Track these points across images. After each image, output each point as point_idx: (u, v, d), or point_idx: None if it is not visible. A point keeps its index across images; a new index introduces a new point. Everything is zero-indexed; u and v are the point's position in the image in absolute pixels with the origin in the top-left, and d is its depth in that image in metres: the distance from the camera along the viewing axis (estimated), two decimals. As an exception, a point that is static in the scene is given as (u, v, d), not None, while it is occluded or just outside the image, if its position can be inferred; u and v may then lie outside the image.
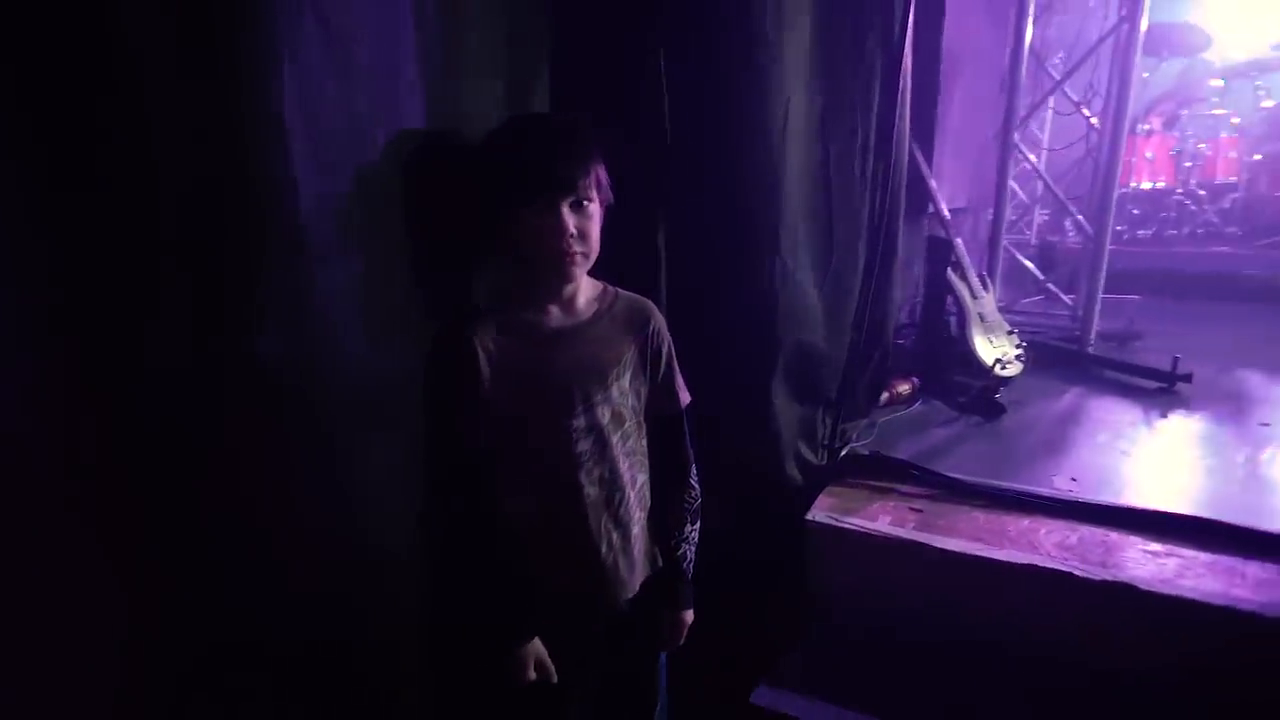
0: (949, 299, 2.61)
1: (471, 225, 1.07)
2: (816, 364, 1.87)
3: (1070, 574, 1.44)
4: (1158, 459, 2.03)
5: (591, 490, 1.05)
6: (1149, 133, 4.97)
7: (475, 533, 1.06)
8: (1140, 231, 4.90)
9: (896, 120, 1.86)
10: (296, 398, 0.90)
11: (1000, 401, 2.38)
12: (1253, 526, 1.56)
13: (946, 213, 2.69)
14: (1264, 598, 1.37)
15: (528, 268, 1.03)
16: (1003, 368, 2.50)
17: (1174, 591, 1.38)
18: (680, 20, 1.40)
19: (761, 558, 1.70)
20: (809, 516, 1.73)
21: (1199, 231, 4.82)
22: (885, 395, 2.36)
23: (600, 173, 1.00)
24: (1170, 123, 5.17)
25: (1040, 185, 4.41)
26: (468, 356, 1.00)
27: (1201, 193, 4.89)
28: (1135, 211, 5.02)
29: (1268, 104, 4.96)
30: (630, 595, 1.12)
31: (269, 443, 0.88)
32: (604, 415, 1.05)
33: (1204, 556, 1.49)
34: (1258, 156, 4.81)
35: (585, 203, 0.98)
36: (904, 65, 1.83)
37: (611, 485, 1.07)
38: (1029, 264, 3.35)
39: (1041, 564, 1.48)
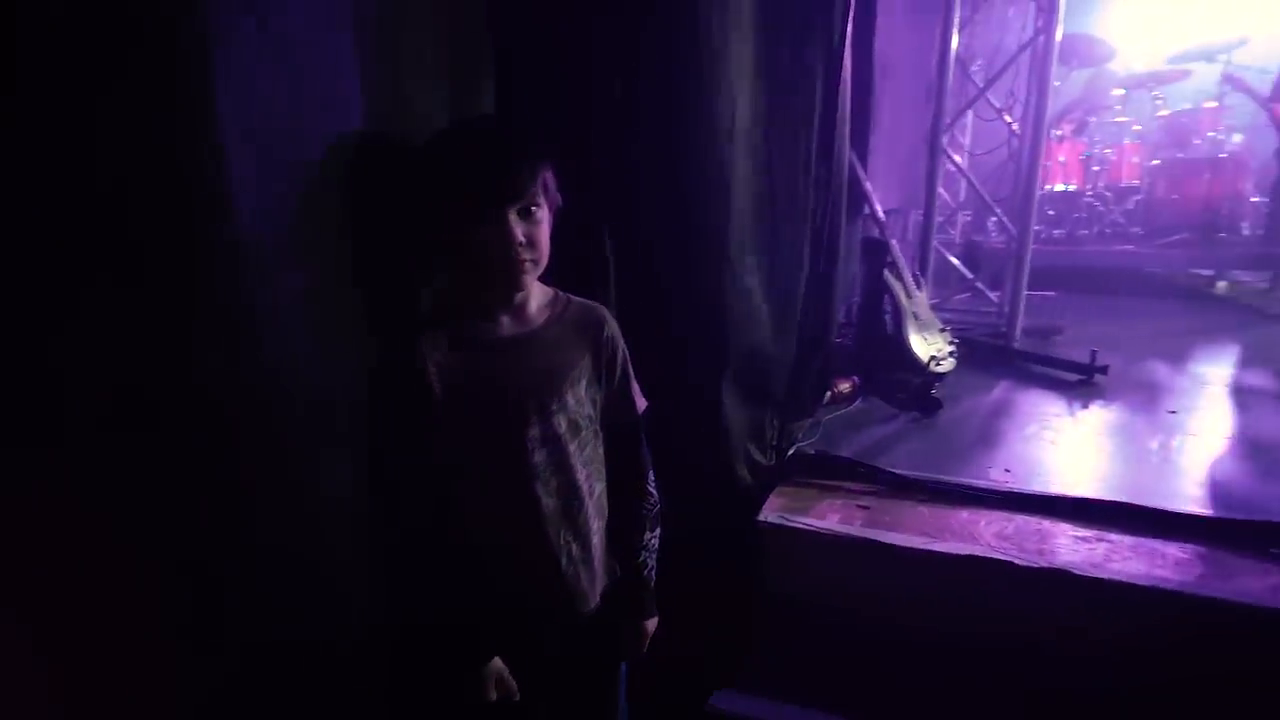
0: (885, 298, 2.69)
1: (418, 234, 1.04)
2: (764, 366, 1.89)
3: (1010, 563, 1.50)
4: (1082, 448, 2.14)
5: (549, 501, 1.03)
6: (1061, 138, 5.26)
7: (425, 548, 1.02)
8: (1055, 231, 5.19)
9: (837, 126, 1.90)
10: (242, 414, 0.85)
11: (937, 397, 2.46)
12: (1169, 509, 1.66)
13: (882, 214, 2.78)
14: (1182, 576, 1.46)
15: (476, 277, 1.00)
16: (937, 364, 2.60)
17: (1104, 575, 1.45)
18: (629, 24, 1.39)
19: (716, 561, 1.71)
20: (760, 518, 1.75)
21: (1107, 231, 5.14)
22: (828, 394, 2.42)
23: (547, 177, 0.98)
24: (1080, 129, 5.50)
25: (964, 187, 4.62)
26: (415, 369, 0.97)
27: (1108, 195, 5.21)
28: (1050, 212, 5.30)
29: (1164, 113, 5.33)
30: (591, 606, 1.10)
31: (214, 461, 0.83)
32: (560, 424, 1.03)
33: (1128, 540, 1.58)
34: (1156, 161, 5.16)
35: (533, 209, 0.95)
36: (843, 73, 1.87)
37: (570, 495, 1.05)
38: (957, 263, 3.49)
39: (983, 554, 1.53)
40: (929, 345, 2.64)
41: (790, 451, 2.02)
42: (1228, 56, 4.77)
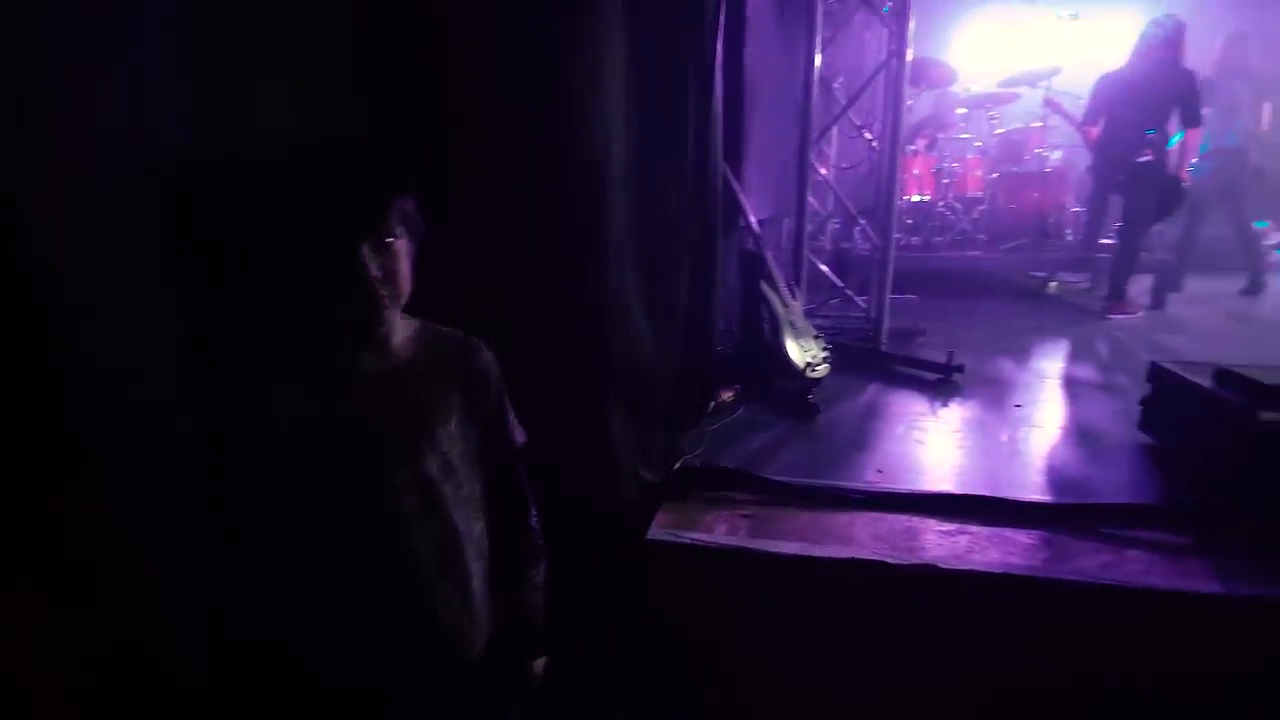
0: (763, 308, 2.78)
1: (267, 263, 0.95)
2: (649, 381, 1.90)
3: (884, 562, 1.57)
4: (944, 444, 2.30)
5: (423, 549, 0.97)
6: (915, 153, 5.69)
7: (276, 606, 0.94)
8: (913, 238, 5.59)
9: (712, 143, 1.95)
10: (73, 458, 0.73)
11: (813, 402, 2.57)
12: (1018, 499, 1.81)
13: (757, 226, 2.87)
14: (1030, 561, 1.59)
15: (330, 312, 0.93)
16: (813, 370, 2.71)
17: (966, 567, 1.56)
18: (509, 47, 1.34)
19: (608, 586, 1.68)
20: (649, 535, 1.75)
21: (958, 238, 5.61)
22: (711, 404, 2.47)
23: (406, 205, 0.92)
24: (931, 145, 5.98)
25: (833, 197, 4.89)
26: (264, 413, 0.89)
27: (957, 205, 5.69)
28: (909, 221, 5.72)
29: (1000, 131, 5.89)
30: (475, 652, 1.04)
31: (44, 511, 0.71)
32: (432, 466, 0.97)
33: (986, 530, 1.71)
34: (995, 175, 5.69)
35: (389, 240, 0.89)
36: (715, 92, 1.92)
37: (445, 540, 0.99)
38: (827, 271, 3.68)
39: (860, 556, 1.60)
40: (805, 352, 2.76)
41: (677, 465, 2.03)
42: (1047, 83, 5.35)
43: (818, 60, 3.12)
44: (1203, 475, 1.87)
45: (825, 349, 2.86)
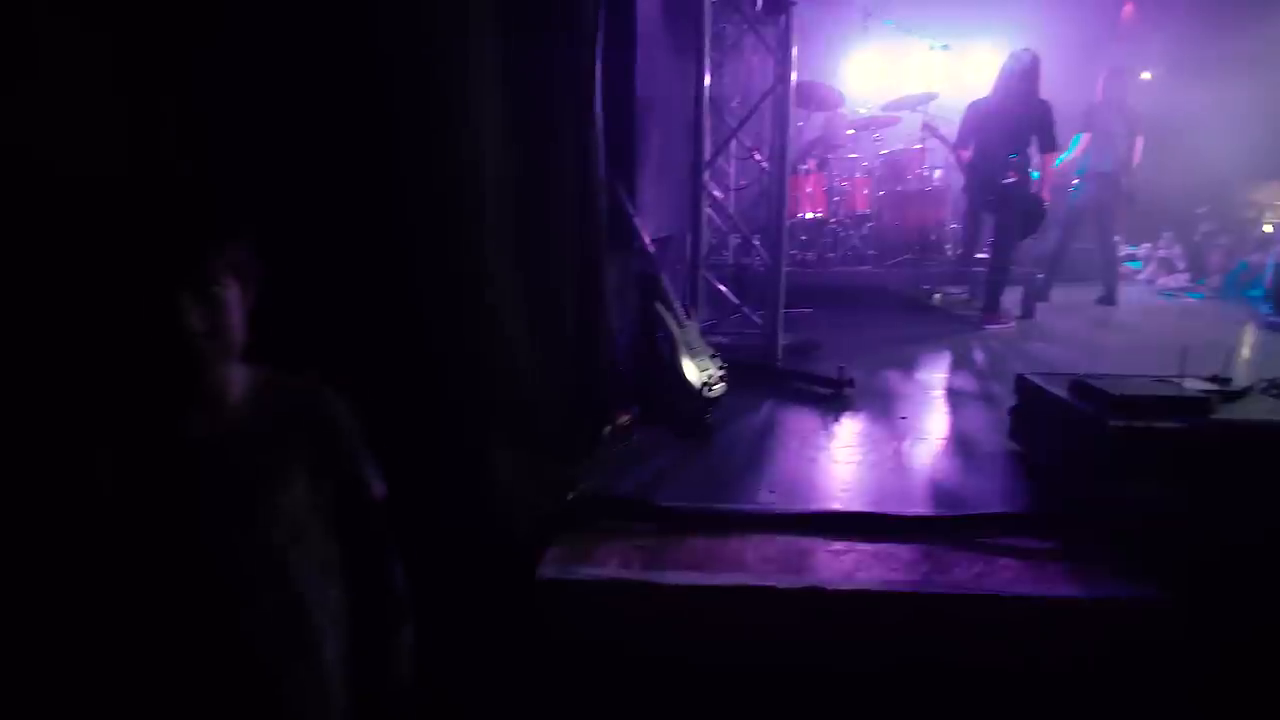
0: (658, 329, 2.78)
1: (80, 310, 0.84)
2: (536, 411, 1.84)
3: (773, 587, 1.58)
4: (835, 460, 2.35)
5: (263, 624, 0.87)
6: (808, 172, 5.92)
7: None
8: (808, 254, 5.79)
9: (595, 158, 1.92)
10: None
11: (710, 423, 2.59)
12: (901, 513, 1.87)
13: (650, 247, 2.87)
14: (912, 576, 1.64)
15: (148, 368, 0.83)
16: (709, 390, 2.73)
17: (852, 586, 1.58)
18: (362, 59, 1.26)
19: (498, 629, 1.61)
20: (540, 573, 1.68)
21: (849, 254, 5.86)
22: (607, 429, 2.43)
23: (235, 249, 0.83)
24: (822, 164, 6.23)
25: (734, 214, 5.01)
26: (83, 480, 0.78)
27: (848, 222, 5.95)
28: (803, 238, 5.92)
29: (884, 152, 6.22)
30: (330, 731, 0.95)
31: None
32: (275, 532, 0.88)
33: (871, 547, 1.75)
34: (881, 193, 5.99)
35: (213, 288, 0.80)
36: (595, 108, 1.89)
37: (292, 611, 0.90)
38: (724, 290, 3.73)
39: (750, 582, 1.60)
40: (701, 372, 2.77)
41: (571, 496, 1.98)
42: (925, 108, 5.70)
43: (707, 80, 3.18)
44: (1063, 481, 1.99)
45: (721, 368, 2.89)
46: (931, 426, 2.65)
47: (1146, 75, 5.51)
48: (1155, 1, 8.18)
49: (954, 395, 3.09)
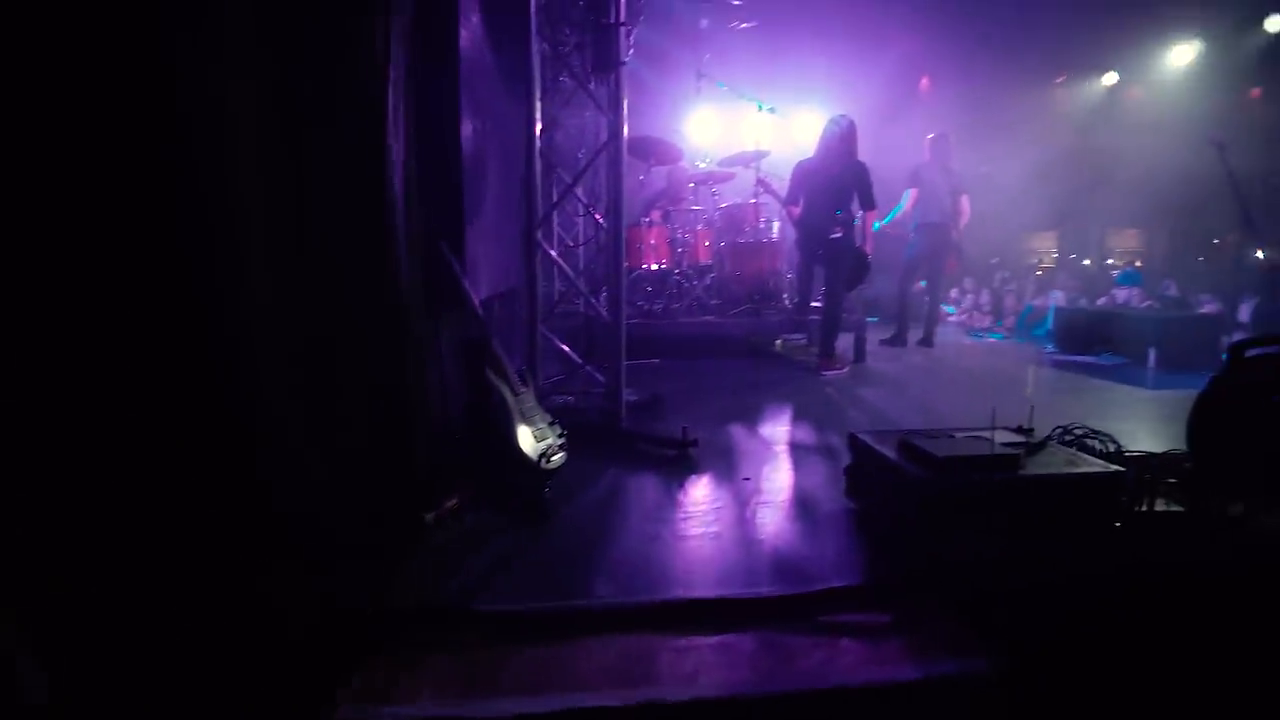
0: (491, 399, 2.57)
1: None
2: (328, 510, 1.56)
3: (608, 707, 1.40)
4: (678, 535, 2.23)
5: None
6: (650, 224, 5.99)
7: None
8: (654, 305, 5.83)
9: (390, 214, 1.71)
10: None
11: (549, 498, 2.40)
12: (742, 595, 1.77)
13: (479, 309, 2.67)
14: (755, 673, 1.52)
15: None
16: (548, 461, 2.54)
17: (694, 695, 1.44)
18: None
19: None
20: (338, 716, 1.39)
21: (693, 304, 5.96)
22: (431, 515, 2.17)
23: None
24: (665, 216, 6.35)
25: (582, 262, 4.92)
26: None
27: (691, 272, 6.08)
28: (649, 289, 5.96)
29: (723, 205, 6.46)
30: None
31: None
32: None
33: (713, 641, 1.62)
34: (722, 244, 6.19)
35: None
36: (389, 158, 1.68)
37: None
38: (566, 349, 3.59)
39: (584, 703, 1.41)
40: (539, 442, 2.58)
41: (382, 607, 1.70)
42: (758, 164, 5.99)
43: (538, 129, 3.07)
44: (897, 541, 2.00)
45: (561, 435, 2.72)
46: (774, 485, 2.62)
47: (932, 135, 6.21)
48: (945, 76, 9.32)
49: (795, 450, 3.12)
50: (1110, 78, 9.69)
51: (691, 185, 6.68)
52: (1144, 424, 3.54)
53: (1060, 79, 9.91)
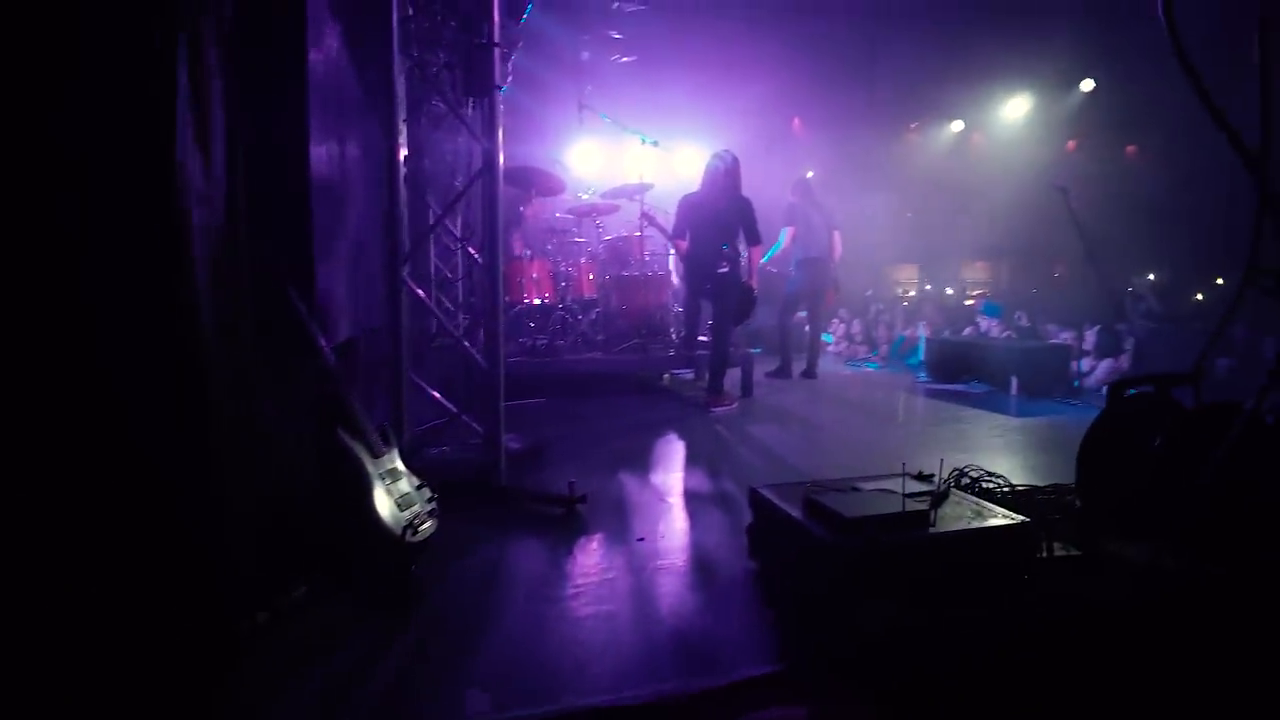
0: (345, 465, 2.19)
1: None
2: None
3: None
4: (567, 616, 1.95)
5: None
6: (533, 257, 5.73)
7: None
8: (539, 341, 5.53)
9: (184, 235, 1.36)
10: None
11: (417, 578, 2.05)
12: (640, 699, 1.52)
13: (330, 358, 2.29)
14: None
15: None
16: (414, 532, 2.19)
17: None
18: None
19: None
20: None
21: (579, 340, 5.73)
22: (265, 616, 1.77)
23: None
24: (547, 249, 6.11)
25: (461, 291, 4.56)
26: None
27: (576, 307, 5.85)
28: (532, 324, 5.67)
29: (608, 238, 6.30)
30: None
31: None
32: None
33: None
34: (607, 278, 6.01)
35: None
36: (182, 170, 1.33)
37: None
38: (438, 396, 3.23)
39: None
40: (403, 511, 2.22)
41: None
42: (641, 197, 5.89)
43: (402, 155, 2.75)
44: (808, 613, 1.82)
45: (431, 499, 2.37)
46: (671, 546, 2.41)
47: (810, 173, 6.47)
48: (814, 119, 9.79)
49: (691, 500, 2.93)
50: (958, 125, 10.55)
51: (572, 218, 6.49)
52: (1021, 455, 3.66)
53: (913, 125, 10.68)
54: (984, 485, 2.26)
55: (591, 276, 6.00)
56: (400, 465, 2.38)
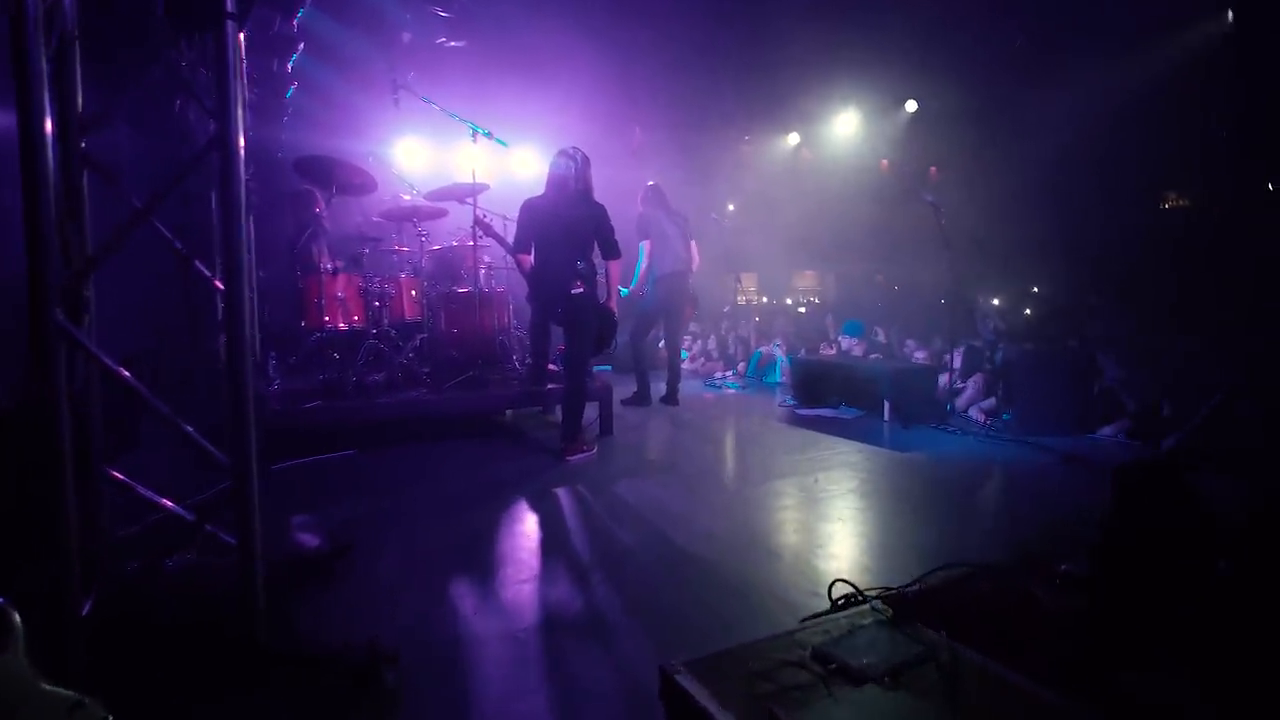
0: None
1: None
2: None
3: None
4: None
5: None
6: (337, 271, 4.55)
7: None
8: (344, 377, 4.37)
9: None
10: None
11: None
12: None
13: None
14: None
15: None
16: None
17: None
18: None
19: None
20: None
21: (399, 375, 4.64)
22: None
23: None
24: (356, 261, 4.94)
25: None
26: None
27: (393, 333, 4.76)
28: (336, 356, 4.49)
29: (434, 248, 5.25)
30: None
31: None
32: None
33: None
34: (434, 295, 4.96)
35: None
36: None
37: None
38: (209, 446, 2.08)
39: None
40: None
41: None
42: (475, 199, 4.89)
43: (49, 126, 1.62)
44: None
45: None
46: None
47: (651, 182, 5.86)
48: (655, 126, 9.32)
49: (552, 646, 2.01)
50: (794, 138, 10.56)
51: (389, 223, 5.34)
52: (924, 509, 3.18)
53: (746, 138, 10.56)
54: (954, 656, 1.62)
55: (414, 294, 4.92)
56: (28, 676, 1.29)
